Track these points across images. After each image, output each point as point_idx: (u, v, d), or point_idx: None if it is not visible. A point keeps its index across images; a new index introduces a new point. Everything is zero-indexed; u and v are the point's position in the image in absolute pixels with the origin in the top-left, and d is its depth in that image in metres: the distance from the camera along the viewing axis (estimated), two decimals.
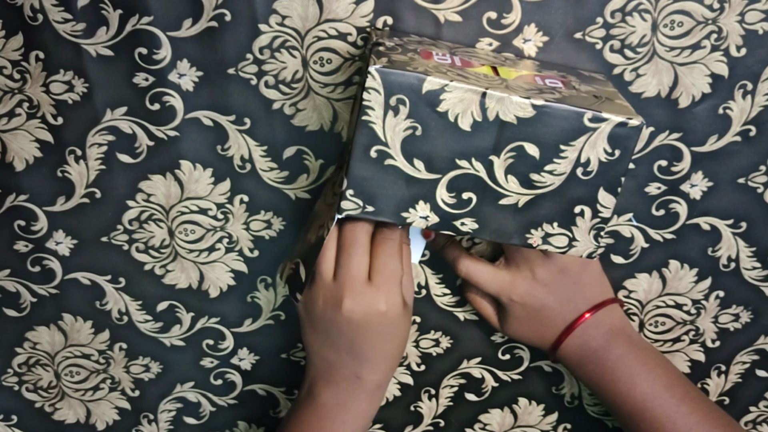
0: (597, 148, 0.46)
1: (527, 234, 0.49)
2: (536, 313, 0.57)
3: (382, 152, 0.46)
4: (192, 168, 0.57)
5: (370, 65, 0.44)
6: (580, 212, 0.48)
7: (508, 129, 0.45)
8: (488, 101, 0.45)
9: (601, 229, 0.49)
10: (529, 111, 0.45)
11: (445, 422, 0.67)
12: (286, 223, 0.59)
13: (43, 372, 0.65)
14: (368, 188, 0.47)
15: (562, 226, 0.49)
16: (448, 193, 0.47)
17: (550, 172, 0.47)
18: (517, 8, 0.52)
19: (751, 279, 0.61)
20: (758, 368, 0.65)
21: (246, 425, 0.68)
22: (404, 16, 0.52)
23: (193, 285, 0.61)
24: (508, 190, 0.47)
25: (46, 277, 0.61)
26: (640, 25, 0.52)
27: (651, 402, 0.55)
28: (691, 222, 0.59)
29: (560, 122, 0.45)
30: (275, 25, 0.52)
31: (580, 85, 0.49)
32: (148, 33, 0.53)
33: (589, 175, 0.47)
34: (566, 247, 0.49)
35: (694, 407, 0.54)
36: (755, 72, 0.54)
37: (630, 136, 0.46)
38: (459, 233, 0.49)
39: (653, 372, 0.55)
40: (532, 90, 0.46)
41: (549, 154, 0.46)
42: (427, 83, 0.44)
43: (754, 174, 0.57)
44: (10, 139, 0.56)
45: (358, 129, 0.45)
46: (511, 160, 0.46)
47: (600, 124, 0.45)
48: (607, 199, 0.48)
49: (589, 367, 0.57)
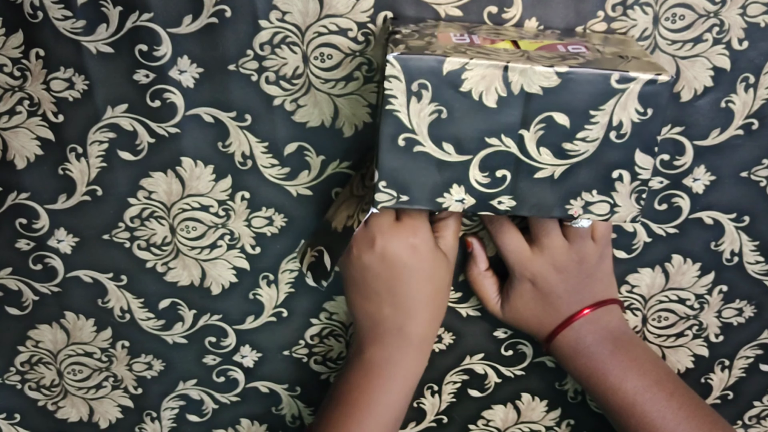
0: (628, 109, 0.45)
1: (567, 205, 0.48)
2: (542, 297, 0.56)
3: (410, 140, 0.45)
4: (193, 165, 0.57)
5: (388, 53, 0.43)
6: (619, 177, 0.47)
7: (534, 101, 0.44)
8: (511, 75, 0.44)
9: (643, 192, 0.47)
10: (554, 80, 0.44)
11: (448, 419, 0.67)
12: (288, 220, 0.59)
13: (45, 370, 0.65)
14: (400, 178, 0.47)
15: (601, 192, 0.47)
16: (481, 173, 0.47)
17: (583, 140, 0.46)
18: (517, 2, 0.52)
19: (754, 273, 0.61)
20: (762, 363, 0.65)
21: (249, 422, 0.68)
22: (405, 11, 0.52)
23: (195, 282, 0.61)
24: (542, 163, 0.46)
25: (47, 275, 0.61)
26: (642, 19, 0.52)
27: (641, 396, 0.55)
28: (693, 216, 0.59)
29: (587, 87, 0.44)
30: (276, 21, 0.52)
31: (604, 47, 0.48)
32: (149, 30, 0.52)
33: (623, 138, 0.46)
34: (608, 213, 0.48)
35: (683, 403, 0.55)
36: (757, 65, 0.53)
37: (660, 92, 0.44)
38: (498, 212, 0.48)
39: (643, 367, 0.56)
40: (554, 58, 0.45)
41: (579, 121, 0.45)
42: (447, 64, 0.43)
43: (757, 168, 0.57)
44: (10, 137, 0.56)
45: (384, 119, 0.45)
46: (541, 132, 0.45)
47: (628, 85, 0.44)
48: (644, 160, 0.46)
49: (581, 360, 0.57)
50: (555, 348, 0.58)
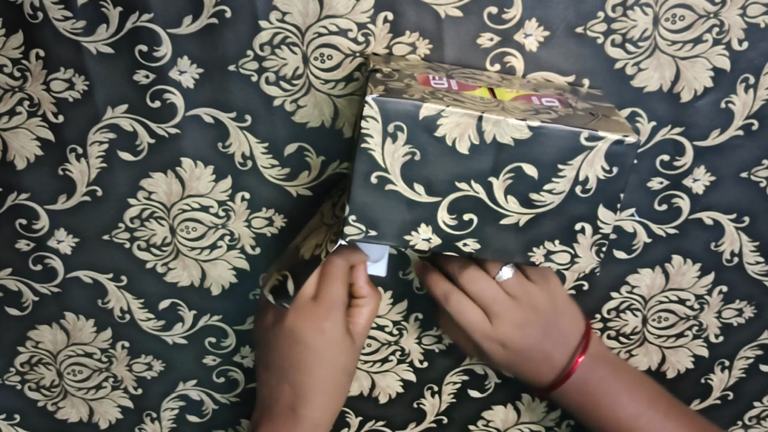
0: (595, 166, 0.46)
1: (529, 252, 0.49)
2: (518, 355, 0.55)
3: (382, 178, 0.47)
4: (193, 165, 0.57)
5: (368, 94, 0.44)
6: (581, 229, 0.49)
7: (505, 151, 0.46)
8: (485, 124, 0.45)
9: (603, 245, 0.49)
10: (526, 132, 0.45)
11: (448, 419, 0.67)
12: (288, 220, 0.59)
13: (45, 371, 0.65)
14: (370, 213, 0.48)
15: (563, 243, 0.49)
16: (449, 215, 0.48)
17: (550, 191, 0.47)
18: (518, 3, 0.52)
19: (754, 274, 0.61)
20: (762, 363, 0.65)
21: (248, 423, 0.68)
22: (405, 11, 0.52)
23: (195, 283, 0.61)
24: (508, 210, 0.48)
25: (47, 275, 0.61)
26: (642, 19, 0.52)
27: (635, 422, 0.54)
28: (693, 217, 0.59)
29: (557, 142, 0.46)
30: (276, 21, 0.52)
31: (576, 102, 0.49)
32: (149, 30, 0.52)
33: (588, 193, 0.47)
34: (569, 263, 0.50)
35: (679, 422, 0.55)
36: (757, 65, 0.53)
37: (627, 152, 0.46)
38: (462, 254, 0.49)
39: (634, 392, 0.55)
40: (528, 111, 0.46)
41: (547, 173, 0.47)
42: (423, 109, 0.45)
43: (756, 168, 0.57)
44: (11, 137, 0.56)
45: (358, 156, 0.46)
46: (510, 181, 0.47)
47: (597, 143, 0.46)
48: (606, 215, 0.48)
49: (571, 396, 0.56)
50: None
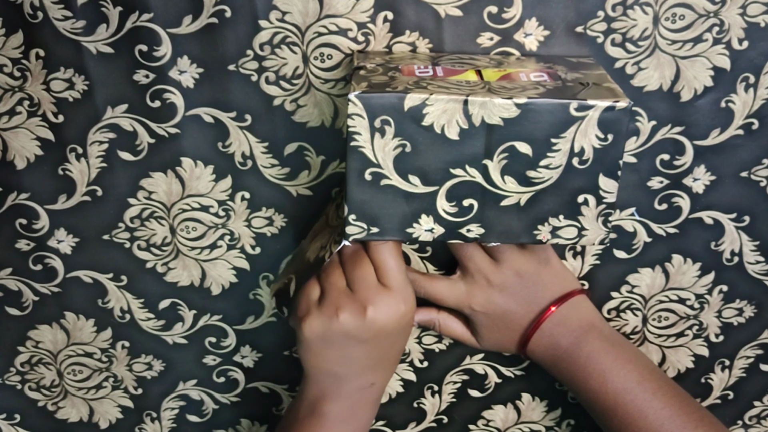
0: (589, 135, 0.46)
1: (535, 231, 0.49)
2: (500, 319, 0.57)
3: (376, 174, 0.47)
4: (193, 165, 0.57)
5: (350, 92, 0.44)
6: (584, 201, 0.48)
7: (496, 131, 0.45)
8: (471, 107, 0.45)
9: (609, 214, 0.48)
10: (514, 111, 0.45)
11: (448, 419, 0.67)
12: (288, 220, 0.59)
13: (45, 371, 0.65)
14: (369, 210, 0.48)
15: (568, 217, 0.48)
16: (448, 203, 0.48)
17: (546, 167, 0.47)
18: (517, 2, 0.52)
19: (754, 273, 0.61)
20: (762, 363, 0.65)
21: (249, 423, 0.68)
22: (405, 11, 0.52)
23: (195, 282, 0.61)
24: (507, 191, 0.48)
25: (47, 275, 0.61)
26: (642, 19, 0.52)
27: (622, 398, 0.54)
28: (693, 216, 0.59)
29: (546, 116, 0.45)
30: (275, 21, 0.52)
31: (566, 74, 0.49)
32: (148, 30, 0.52)
33: (585, 164, 0.47)
34: (576, 237, 0.49)
35: (667, 402, 0.54)
36: (757, 65, 0.53)
37: (620, 118, 0.45)
38: (467, 240, 0.49)
39: (624, 368, 0.55)
40: (515, 89, 0.46)
41: (541, 149, 0.46)
42: (407, 100, 0.44)
43: (757, 167, 0.57)
44: (10, 137, 0.56)
45: (349, 155, 0.46)
46: (505, 161, 0.46)
47: (587, 112, 0.45)
48: (608, 184, 0.47)
49: (562, 365, 0.56)
50: (534, 357, 0.58)
